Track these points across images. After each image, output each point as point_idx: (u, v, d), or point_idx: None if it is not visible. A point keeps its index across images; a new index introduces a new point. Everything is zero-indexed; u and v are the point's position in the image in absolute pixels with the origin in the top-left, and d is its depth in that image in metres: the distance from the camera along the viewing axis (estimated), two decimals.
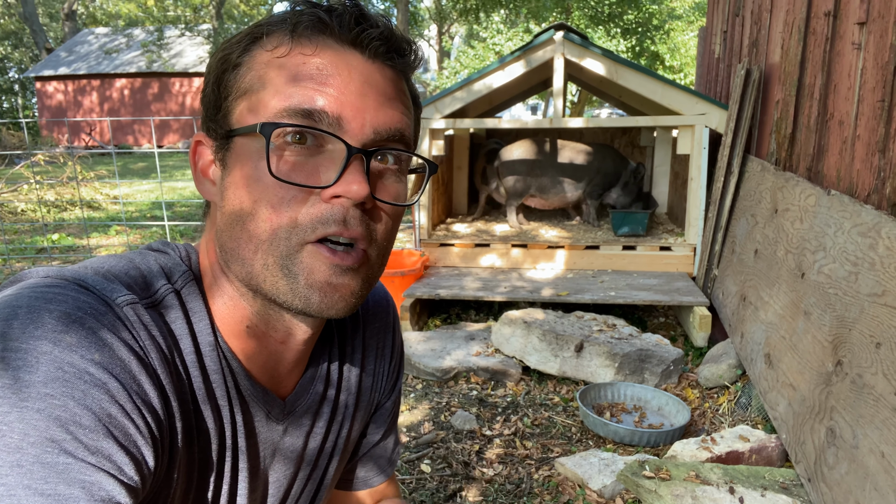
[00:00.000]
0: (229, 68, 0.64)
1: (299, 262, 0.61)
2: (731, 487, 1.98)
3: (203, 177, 0.69)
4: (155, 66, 21.36)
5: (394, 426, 0.99)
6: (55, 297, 0.55)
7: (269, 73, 0.62)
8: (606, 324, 3.43)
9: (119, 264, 0.65)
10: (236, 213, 0.62)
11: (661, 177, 5.67)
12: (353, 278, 0.64)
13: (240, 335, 0.69)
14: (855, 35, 2.37)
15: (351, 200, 0.60)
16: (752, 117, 3.67)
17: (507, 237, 4.61)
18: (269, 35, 0.63)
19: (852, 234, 2.10)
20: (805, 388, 2.13)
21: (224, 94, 0.64)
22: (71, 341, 0.52)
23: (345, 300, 0.64)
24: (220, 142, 0.65)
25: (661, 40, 15.71)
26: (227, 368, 0.68)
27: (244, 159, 0.62)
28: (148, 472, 0.56)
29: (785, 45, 3.17)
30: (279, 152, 0.60)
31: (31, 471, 0.47)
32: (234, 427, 0.69)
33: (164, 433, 0.59)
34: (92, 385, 0.52)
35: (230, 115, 0.64)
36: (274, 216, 0.60)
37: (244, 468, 0.71)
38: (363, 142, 0.61)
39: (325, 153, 0.61)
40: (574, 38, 4.09)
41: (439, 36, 26.11)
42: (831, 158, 2.53)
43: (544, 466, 2.43)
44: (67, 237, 6.51)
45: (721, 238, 3.79)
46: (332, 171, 0.61)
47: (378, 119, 0.62)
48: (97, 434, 0.51)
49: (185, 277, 0.68)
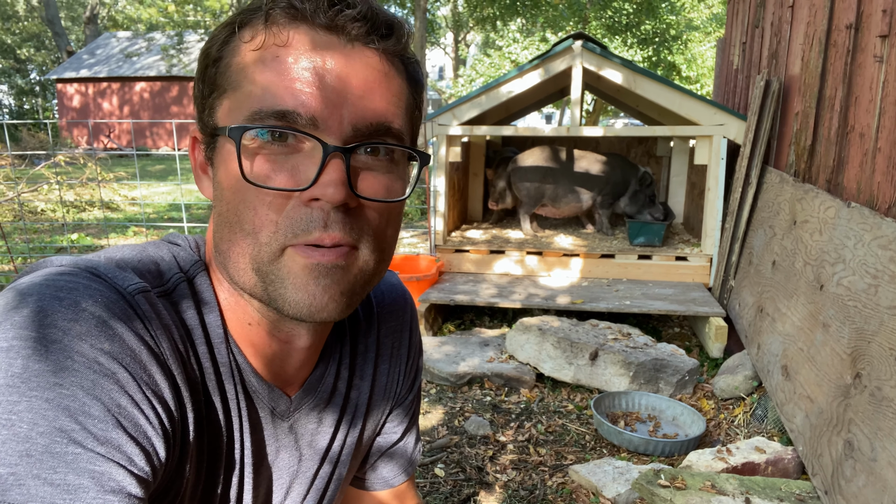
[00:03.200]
0: (210, 63, 0.61)
1: (283, 266, 0.59)
2: (746, 498, 1.97)
3: (202, 174, 0.67)
4: (174, 70, 21.60)
5: (413, 425, 0.96)
6: (66, 286, 0.54)
7: (245, 68, 0.58)
8: (621, 332, 3.42)
9: (132, 253, 0.64)
10: (224, 216, 0.61)
11: (678, 187, 5.66)
12: (342, 276, 0.60)
13: (244, 331, 0.68)
14: (877, 48, 2.36)
15: (330, 204, 0.57)
16: (771, 128, 3.66)
17: (522, 244, 4.62)
18: (244, 25, 0.60)
19: (872, 247, 2.09)
20: (823, 400, 2.12)
21: (207, 91, 0.62)
22: (81, 330, 0.52)
23: (335, 301, 0.60)
24: (209, 140, 0.63)
25: (678, 51, 15.67)
26: (234, 362, 0.67)
27: (226, 160, 0.60)
28: (159, 464, 0.55)
29: (805, 56, 3.17)
30: (255, 153, 0.58)
31: (41, 461, 0.47)
32: (240, 420, 0.68)
33: (175, 424, 0.58)
34: (101, 375, 0.51)
35: (214, 113, 0.61)
36: (256, 220, 0.58)
37: (249, 462, 0.70)
38: (343, 138, 0.58)
39: (304, 152, 0.58)
40: (593, 48, 4.11)
41: (455, 44, 26.21)
42: (851, 171, 2.52)
43: (558, 473, 2.43)
44: (86, 237, 6.60)
45: (738, 249, 3.78)
46: (311, 171, 0.57)
47: (358, 113, 0.58)
48: (107, 424, 0.50)
49: (196, 267, 0.67)
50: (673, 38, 15.82)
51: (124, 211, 8.42)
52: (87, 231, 7.01)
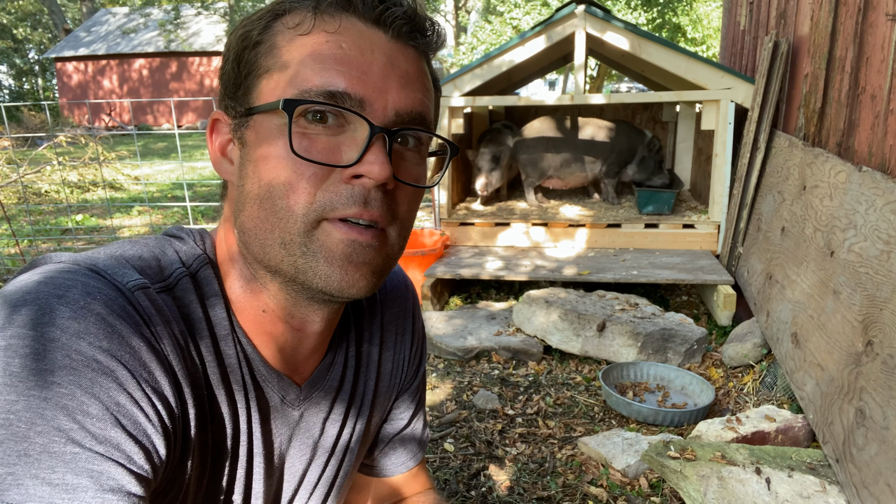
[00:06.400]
0: (250, 45, 0.63)
1: (317, 240, 0.60)
2: (757, 468, 1.96)
3: (221, 155, 0.68)
4: (173, 46, 21.40)
5: (420, 410, 0.97)
6: (64, 283, 0.54)
7: (291, 51, 0.61)
8: (629, 303, 3.40)
9: (133, 249, 0.64)
10: (255, 192, 0.61)
11: (684, 153, 5.58)
12: (374, 256, 0.62)
13: (256, 320, 0.68)
14: (889, 5, 2.29)
15: (373, 181, 0.59)
16: (780, 91, 3.58)
17: (527, 215, 4.58)
18: (291, 12, 0.62)
19: (884, 212, 2.05)
20: (833, 368, 2.10)
21: (244, 72, 0.63)
22: (79, 328, 0.51)
23: (365, 278, 0.63)
24: (240, 119, 0.64)
25: (683, 12, 15.37)
26: (241, 353, 0.67)
27: (264, 137, 0.61)
28: (159, 461, 0.55)
29: (815, 16, 3.08)
30: (300, 130, 0.59)
31: (39, 460, 0.47)
32: (248, 412, 0.68)
33: (175, 421, 0.58)
34: (100, 373, 0.51)
35: (250, 93, 0.63)
36: (292, 194, 0.59)
37: (259, 453, 0.70)
38: (385, 123, 0.61)
39: (347, 133, 0.60)
40: (596, 12, 4.01)
41: (456, 11, 25.78)
42: (863, 134, 2.46)
43: (567, 446, 2.43)
44: (91, 218, 6.59)
45: (746, 215, 3.73)
46: (353, 151, 0.60)
47: (400, 100, 0.62)
48: (105, 423, 0.50)
49: (199, 261, 0.67)
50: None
51: (128, 190, 8.40)
52: (91, 212, 7.00)
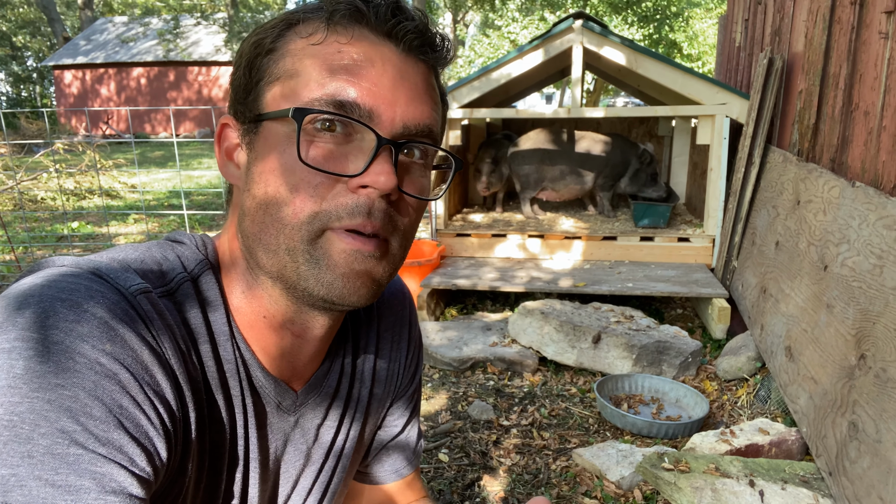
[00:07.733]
0: (262, 52, 0.64)
1: (320, 248, 0.61)
2: (751, 480, 1.97)
3: (228, 159, 0.69)
4: (171, 55, 21.45)
5: (414, 417, 0.98)
6: (67, 287, 0.55)
7: (303, 60, 0.62)
8: (624, 315, 3.42)
9: (135, 253, 0.65)
10: (261, 198, 0.62)
11: (680, 167, 5.62)
12: (376, 265, 0.63)
13: (256, 326, 0.68)
14: (882, 24, 2.32)
15: (378, 192, 0.60)
16: (775, 107, 3.62)
17: (523, 226, 4.60)
18: (304, 21, 0.63)
19: (877, 227, 2.07)
20: (827, 381, 2.12)
21: (256, 78, 0.64)
22: (82, 331, 0.52)
23: (367, 287, 0.64)
24: (249, 125, 0.65)
25: (679, 28, 15.52)
26: (239, 359, 0.68)
27: (272, 144, 0.62)
28: (160, 464, 0.55)
29: (809, 33, 3.12)
30: (308, 139, 0.60)
31: (42, 462, 0.47)
32: (245, 417, 0.69)
33: (177, 424, 0.58)
34: (103, 376, 0.51)
35: (261, 99, 0.63)
36: (298, 201, 0.60)
37: (255, 458, 0.71)
38: (393, 134, 0.62)
39: (354, 143, 0.61)
40: (593, 27, 4.06)
41: (454, 24, 25.96)
42: (856, 149, 2.49)
43: (562, 457, 2.43)
44: (87, 225, 6.58)
45: (741, 229, 3.76)
46: (360, 161, 0.61)
47: (409, 113, 0.62)
48: (108, 425, 0.51)
49: (201, 266, 0.67)
50: (674, 15, 15.66)
51: (125, 198, 8.40)
52: (87, 219, 6.99)
